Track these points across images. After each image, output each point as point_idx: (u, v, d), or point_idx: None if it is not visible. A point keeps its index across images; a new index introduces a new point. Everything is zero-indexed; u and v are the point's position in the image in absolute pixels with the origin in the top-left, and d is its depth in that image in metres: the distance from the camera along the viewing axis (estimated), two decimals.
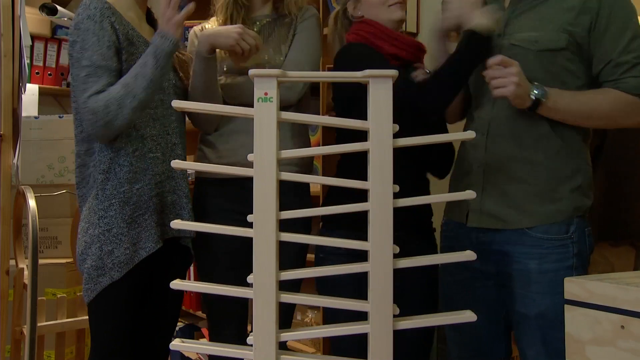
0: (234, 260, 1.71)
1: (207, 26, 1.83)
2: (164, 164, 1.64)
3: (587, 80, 1.46)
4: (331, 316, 1.63)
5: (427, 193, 1.69)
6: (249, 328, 1.87)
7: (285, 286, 1.19)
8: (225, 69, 1.78)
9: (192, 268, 3.36)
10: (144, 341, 1.70)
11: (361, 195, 1.19)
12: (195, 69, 1.70)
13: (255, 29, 1.77)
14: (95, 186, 1.58)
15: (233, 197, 1.73)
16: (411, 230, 1.58)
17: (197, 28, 1.84)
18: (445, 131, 1.67)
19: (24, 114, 2.40)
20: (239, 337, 1.77)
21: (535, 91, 1.38)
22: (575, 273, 1.41)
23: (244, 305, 1.80)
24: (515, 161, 1.46)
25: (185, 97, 1.75)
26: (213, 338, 1.82)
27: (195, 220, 1.67)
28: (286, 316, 1.78)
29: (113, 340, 1.60)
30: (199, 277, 1.84)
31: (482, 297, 1.53)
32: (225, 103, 1.74)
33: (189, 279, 2.67)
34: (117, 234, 1.56)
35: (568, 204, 1.45)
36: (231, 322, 1.78)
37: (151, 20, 1.77)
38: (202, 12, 1.89)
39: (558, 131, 1.45)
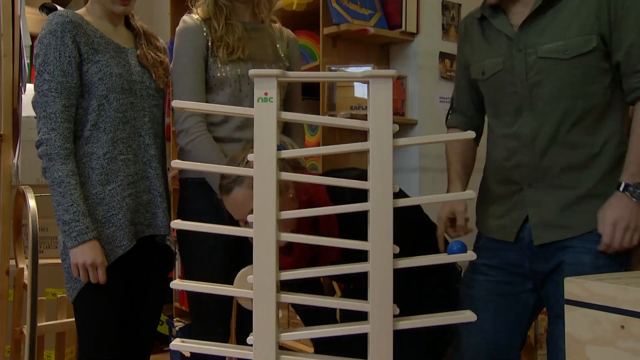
0: (220, 259, 1.73)
1: (194, 17, 1.80)
2: (136, 164, 1.70)
3: (612, 74, 1.44)
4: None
5: None
6: (232, 327, 1.88)
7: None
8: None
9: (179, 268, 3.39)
10: (128, 337, 1.74)
11: None
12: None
13: (238, 32, 1.77)
14: None
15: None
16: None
17: (186, 17, 1.81)
18: None
19: (24, 114, 2.40)
20: (225, 337, 1.78)
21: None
22: (622, 269, 1.42)
23: (230, 308, 1.80)
24: (571, 170, 1.45)
25: (158, 98, 1.77)
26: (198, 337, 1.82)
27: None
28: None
29: (98, 336, 1.65)
30: (185, 277, 1.84)
31: (514, 301, 1.53)
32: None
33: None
34: None
35: None
36: (217, 322, 1.78)
37: (130, 25, 1.81)
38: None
39: (606, 132, 1.44)
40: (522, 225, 1.51)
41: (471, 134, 1.21)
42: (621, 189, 1.39)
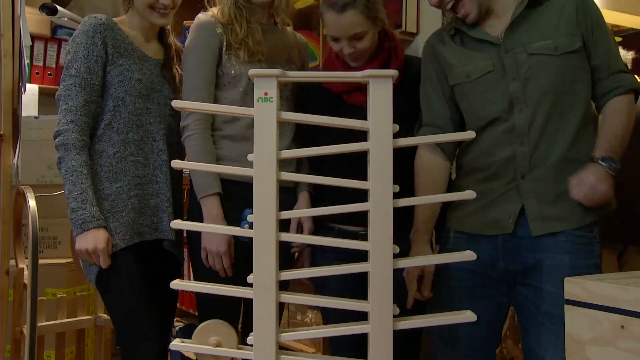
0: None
1: (209, 14, 1.78)
2: (146, 167, 1.75)
3: (589, 77, 1.52)
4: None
5: None
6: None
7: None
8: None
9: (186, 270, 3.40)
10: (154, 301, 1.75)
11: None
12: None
13: (258, 35, 1.77)
14: None
15: (237, 198, 1.72)
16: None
17: (201, 15, 1.81)
18: None
19: (24, 114, 2.40)
20: None
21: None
22: (598, 271, 1.43)
23: (238, 309, 1.80)
24: (561, 163, 1.47)
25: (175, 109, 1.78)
26: None
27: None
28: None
29: (128, 299, 1.67)
30: (194, 278, 1.83)
31: (486, 306, 1.51)
32: None
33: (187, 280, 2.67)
34: None
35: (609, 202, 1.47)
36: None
37: (163, 39, 1.86)
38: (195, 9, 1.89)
39: (589, 128, 1.51)
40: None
41: (471, 134, 1.21)
42: (599, 161, 1.44)
